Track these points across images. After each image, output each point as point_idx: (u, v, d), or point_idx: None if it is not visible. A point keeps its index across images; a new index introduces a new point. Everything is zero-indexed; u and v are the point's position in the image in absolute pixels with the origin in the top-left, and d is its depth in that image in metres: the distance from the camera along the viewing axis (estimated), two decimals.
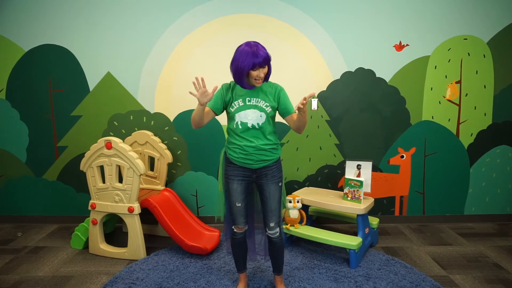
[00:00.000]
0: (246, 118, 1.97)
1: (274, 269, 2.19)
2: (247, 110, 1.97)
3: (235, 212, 2.04)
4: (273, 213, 2.02)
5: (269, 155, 2.01)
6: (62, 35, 3.15)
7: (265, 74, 1.93)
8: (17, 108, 3.26)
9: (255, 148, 1.97)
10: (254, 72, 1.89)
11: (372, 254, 2.72)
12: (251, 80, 1.93)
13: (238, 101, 1.99)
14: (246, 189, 2.05)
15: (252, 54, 1.85)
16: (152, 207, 2.74)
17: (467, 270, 2.51)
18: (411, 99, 3.22)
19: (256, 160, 1.99)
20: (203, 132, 3.24)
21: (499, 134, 3.27)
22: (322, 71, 3.19)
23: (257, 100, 1.98)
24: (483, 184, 3.35)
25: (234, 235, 2.11)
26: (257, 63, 1.86)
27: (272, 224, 2.03)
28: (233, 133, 2.03)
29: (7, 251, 2.82)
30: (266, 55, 1.88)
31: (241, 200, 2.03)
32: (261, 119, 1.97)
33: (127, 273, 2.45)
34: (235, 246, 2.15)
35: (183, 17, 3.13)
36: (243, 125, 1.98)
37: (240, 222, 2.06)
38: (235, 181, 2.03)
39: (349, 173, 2.83)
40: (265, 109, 1.97)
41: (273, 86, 2.05)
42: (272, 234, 2.05)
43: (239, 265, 2.22)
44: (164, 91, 3.22)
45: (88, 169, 2.73)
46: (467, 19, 3.13)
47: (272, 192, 2.02)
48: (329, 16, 3.13)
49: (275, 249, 2.11)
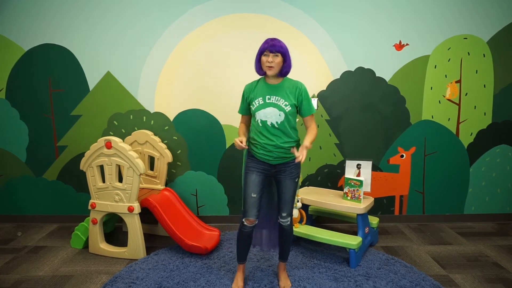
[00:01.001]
0: (266, 116, 2.03)
1: (280, 256, 2.31)
2: (267, 108, 2.03)
3: (249, 203, 2.10)
4: (286, 205, 2.14)
5: (288, 153, 2.07)
6: (62, 34, 3.15)
7: (277, 63, 1.98)
8: (17, 107, 3.26)
9: (274, 146, 2.05)
10: (264, 57, 1.98)
11: (372, 253, 2.72)
12: (264, 67, 2.01)
13: (259, 99, 2.06)
14: (263, 181, 2.13)
15: (265, 41, 2.01)
16: (152, 207, 2.74)
17: (467, 270, 2.51)
18: (411, 99, 3.23)
19: (275, 157, 2.07)
20: (203, 132, 3.24)
21: (499, 133, 3.28)
22: (322, 71, 3.19)
23: (277, 98, 2.03)
24: (483, 184, 3.35)
25: (243, 228, 2.16)
26: (266, 48, 1.97)
27: (285, 214, 2.16)
28: (255, 129, 2.11)
29: (7, 251, 2.82)
30: (278, 43, 1.98)
31: (257, 192, 2.10)
32: (280, 118, 2.02)
33: (127, 273, 2.45)
34: (241, 238, 2.20)
35: (183, 17, 3.13)
36: (263, 123, 2.05)
37: (252, 215, 2.11)
38: (254, 173, 2.11)
39: (349, 173, 2.83)
40: (284, 108, 2.02)
41: (295, 84, 2.08)
42: (283, 222, 2.17)
43: (241, 256, 2.28)
44: (164, 91, 3.22)
45: (88, 169, 2.73)
46: (467, 19, 3.13)
47: (288, 186, 2.12)
48: (329, 16, 3.13)
49: (284, 236, 2.22)
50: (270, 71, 2.00)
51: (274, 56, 1.97)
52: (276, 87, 2.05)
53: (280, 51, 1.97)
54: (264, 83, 2.09)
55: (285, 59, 2.00)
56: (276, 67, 1.98)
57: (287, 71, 2.05)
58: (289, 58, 2.03)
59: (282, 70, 2.02)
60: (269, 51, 1.96)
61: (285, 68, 2.03)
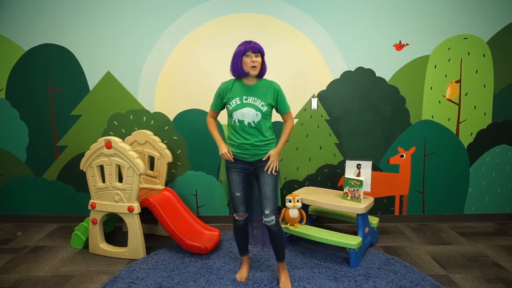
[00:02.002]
0: (243, 116, 2.11)
1: (276, 256, 2.29)
2: (244, 108, 2.10)
3: (236, 201, 2.23)
4: (267, 200, 2.15)
5: (264, 149, 2.16)
6: (62, 34, 3.15)
7: (259, 63, 2.06)
8: (17, 107, 3.26)
9: (250, 145, 2.13)
10: (247, 58, 2.05)
11: (372, 253, 2.72)
12: (247, 68, 2.06)
13: (236, 99, 2.12)
14: (244, 180, 2.22)
15: (245, 42, 2.07)
16: (152, 207, 2.74)
17: (467, 270, 2.51)
18: (411, 99, 3.23)
19: (252, 155, 2.16)
20: (203, 132, 3.24)
21: (499, 133, 3.28)
22: (322, 71, 3.19)
23: (254, 98, 2.11)
24: (482, 184, 3.35)
25: (236, 222, 2.29)
26: (248, 48, 2.03)
27: (267, 212, 2.15)
28: (232, 129, 2.20)
29: (7, 251, 2.82)
30: (258, 44, 2.07)
31: (240, 190, 2.21)
32: (256, 118, 2.11)
33: (127, 273, 2.45)
34: (237, 232, 2.33)
35: (183, 16, 3.13)
36: (240, 122, 2.13)
37: (240, 210, 2.25)
38: (234, 173, 2.21)
39: (349, 173, 2.83)
40: (261, 109, 2.10)
41: (271, 84, 2.17)
42: (268, 222, 2.17)
43: (241, 248, 2.39)
44: (164, 91, 3.22)
45: (88, 169, 2.73)
46: (467, 19, 3.13)
47: (267, 180, 2.16)
48: (329, 16, 3.13)
49: (273, 237, 2.22)
50: (255, 71, 2.06)
51: (256, 56, 2.05)
52: (253, 87, 2.13)
53: (261, 52, 2.07)
54: (241, 83, 2.15)
55: (263, 60, 2.10)
56: (258, 66, 2.06)
57: (264, 73, 2.15)
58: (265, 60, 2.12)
59: (261, 74, 2.12)
60: (251, 51, 2.04)
61: (263, 69, 2.12)
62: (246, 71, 2.08)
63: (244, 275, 2.37)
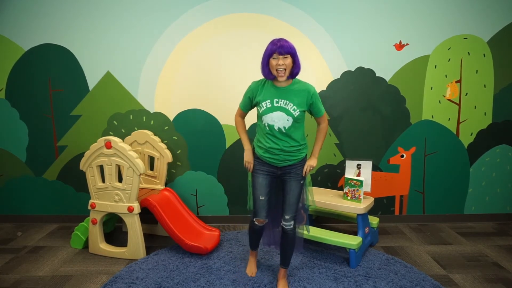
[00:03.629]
0: (273, 121, 1.98)
1: (281, 261, 2.25)
2: (274, 112, 1.97)
3: (258, 205, 2.13)
4: (290, 207, 2.09)
5: (294, 155, 2.06)
6: (61, 34, 3.15)
7: (287, 65, 1.90)
8: (16, 107, 3.25)
9: (280, 150, 2.02)
10: (273, 61, 1.89)
11: (372, 253, 2.72)
12: (274, 71, 1.92)
13: (266, 102, 1.98)
14: (270, 184, 2.13)
15: (272, 42, 1.90)
16: (152, 207, 2.74)
17: (467, 270, 2.51)
18: (411, 99, 3.22)
19: (281, 160, 2.06)
20: (203, 132, 3.24)
21: (499, 133, 3.27)
22: (322, 71, 3.19)
23: (285, 102, 1.96)
24: (483, 184, 3.35)
25: (254, 226, 2.23)
26: (275, 50, 1.86)
27: (288, 217, 2.10)
28: (261, 131, 2.08)
29: (7, 251, 2.82)
30: (287, 44, 1.88)
31: (265, 194, 2.11)
32: (287, 123, 1.98)
33: (127, 273, 2.45)
34: (253, 231, 2.28)
35: (182, 16, 3.13)
36: (270, 127, 2.01)
37: (261, 215, 2.15)
38: (261, 175, 2.11)
39: (349, 173, 2.83)
40: (293, 113, 1.96)
41: (306, 87, 2.01)
42: (286, 225, 2.12)
43: (253, 245, 2.39)
44: (164, 91, 3.22)
45: (87, 169, 2.73)
46: (467, 19, 3.13)
47: (293, 188, 2.09)
48: (329, 16, 3.12)
49: (287, 240, 2.16)
50: (282, 76, 1.91)
51: (284, 58, 1.88)
52: (285, 90, 1.98)
53: (290, 52, 1.88)
54: (272, 84, 2.01)
55: (294, 60, 1.92)
56: (287, 69, 1.90)
57: (297, 72, 1.96)
58: (298, 58, 1.93)
59: (292, 72, 1.95)
60: (278, 53, 1.87)
61: (295, 69, 1.94)
62: (274, 74, 1.93)
63: (254, 270, 2.40)
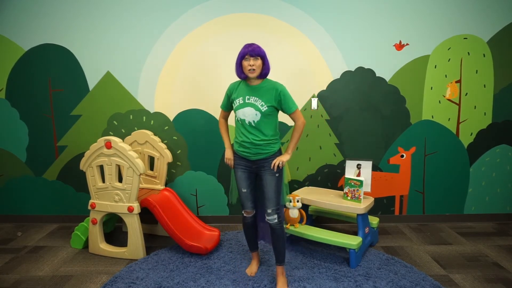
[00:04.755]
0: (244, 115, 2.17)
1: (275, 258, 2.29)
2: (245, 108, 2.16)
3: (243, 197, 2.29)
4: (269, 200, 2.19)
5: (265, 149, 2.19)
6: (62, 34, 3.15)
7: (257, 66, 2.10)
8: (16, 107, 3.26)
9: (250, 143, 2.18)
10: (245, 62, 2.11)
11: (372, 253, 2.72)
12: (245, 71, 2.13)
13: (239, 99, 2.19)
14: (249, 177, 2.28)
15: (244, 46, 2.13)
16: (152, 207, 2.74)
17: (467, 270, 2.51)
18: (411, 99, 3.22)
19: (253, 153, 2.20)
20: (203, 132, 3.24)
21: (499, 133, 3.27)
22: (322, 71, 3.19)
23: (255, 99, 2.15)
24: (483, 184, 3.35)
25: (244, 219, 2.34)
26: (247, 52, 2.09)
27: (269, 211, 2.19)
28: (237, 127, 2.26)
29: (7, 251, 2.82)
30: (257, 47, 2.11)
31: (246, 186, 2.27)
32: (256, 117, 2.15)
33: (127, 273, 2.45)
34: (245, 228, 2.38)
35: (182, 16, 3.13)
36: (241, 121, 2.19)
37: (248, 207, 2.30)
38: (239, 169, 2.28)
39: (349, 173, 2.83)
40: (261, 109, 2.14)
41: (274, 86, 2.18)
42: (270, 220, 2.20)
43: (250, 245, 2.46)
44: (164, 91, 3.22)
45: (87, 169, 2.73)
46: (467, 19, 3.13)
47: (269, 181, 2.19)
48: (329, 16, 3.13)
49: (274, 236, 2.24)
50: (252, 74, 2.11)
51: (255, 60, 2.09)
52: (256, 88, 2.17)
53: (260, 55, 2.11)
54: (245, 84, 2.22)
55: (264, 62, 2.14)
56: (257, 69, 2.11)
57: (266, 72, 2.17)
58: (267, 60, 2.16)
59: (261, 72, 2.15)
60: (249, 55, 2.09)
61: (264, 70, 2.15)
62: (246, 74, 2.14)
63: (254, 270, 2.44)
